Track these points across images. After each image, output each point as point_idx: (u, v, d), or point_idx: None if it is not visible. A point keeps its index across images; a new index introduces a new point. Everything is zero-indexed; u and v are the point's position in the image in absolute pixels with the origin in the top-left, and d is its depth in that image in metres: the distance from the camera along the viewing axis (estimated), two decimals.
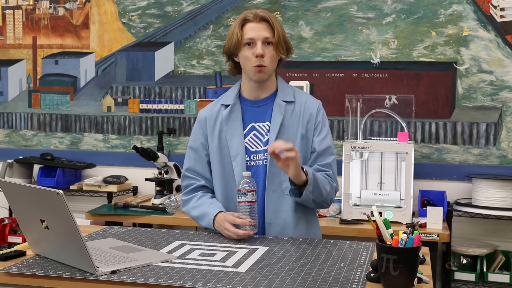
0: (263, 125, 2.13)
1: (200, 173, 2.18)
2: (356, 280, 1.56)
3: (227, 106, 2.14)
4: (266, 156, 2.09)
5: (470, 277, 3.06)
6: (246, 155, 2.10)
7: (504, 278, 3.04)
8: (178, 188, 3.47)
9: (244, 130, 2.12)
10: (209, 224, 2.07)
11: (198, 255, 1.79)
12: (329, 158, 2.13)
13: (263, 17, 2.06)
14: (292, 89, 2.18)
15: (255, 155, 2.11)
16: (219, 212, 2.06)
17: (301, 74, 3.53)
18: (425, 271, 1.65)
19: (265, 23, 2.06)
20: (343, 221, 2.97)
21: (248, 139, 2.12)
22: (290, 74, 3.52)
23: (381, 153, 3.04)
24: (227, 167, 2.11)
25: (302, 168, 1.98)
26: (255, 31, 2.05)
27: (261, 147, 2.11)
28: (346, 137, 3.20)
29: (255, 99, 2.14)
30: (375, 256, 1.77)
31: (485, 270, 3.08)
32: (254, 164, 2.10)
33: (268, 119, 2.12)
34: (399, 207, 2.97)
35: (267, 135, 2.11)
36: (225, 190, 2.13)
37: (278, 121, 2.09)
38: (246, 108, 2.14)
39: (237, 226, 1.99)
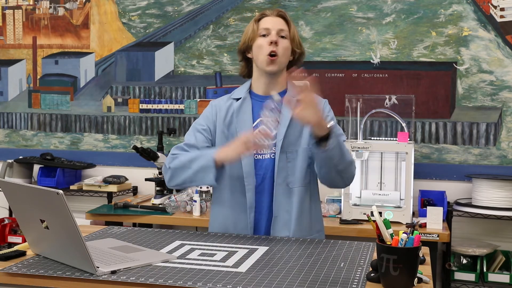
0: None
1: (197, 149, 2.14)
2: (356, 280, 1.56)
3: (237, 100, 2.17)
4: (274, 150, 2.10)
5: (470, 277, 3.06)
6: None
7: (504, 278, 3.04)
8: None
9: (252, 124, 2.13)
10: (209, 158, 1.99)
11: (198, 255, 1.79)
12: (342, 138, 2.09)
13: (280, 12, 2.14)
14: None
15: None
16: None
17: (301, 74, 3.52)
18: (425, 271, 1.65)
19: (282, 18, 2.13)
20: (343, 221, 2.97)
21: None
22: None
23: (381, 153, 3.04)
24: None
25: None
26: (271, 23, 2.11)
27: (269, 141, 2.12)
28: (346, 137, 3.20)
29: (265, 94, 2.16)
30: (375, 256, 1.77)
31: (485, 270, 3.08)
32: (261, 157, 2.11)
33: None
34: (399, 207, 2.97)
35: (275, 129, 2.11)
36: (230, 181, 2.12)
37: (288, 115, 2.09)
38: (256, 103, 2.16)
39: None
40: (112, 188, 3.58)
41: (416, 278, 1.52)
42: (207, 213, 3.13)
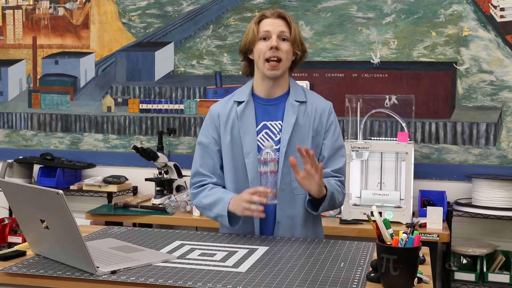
0: (275, 124, 2.13)
1: (212, 170, 2.16)
2: (356, 280, 1.56)
3: (240, 103, 2.15)
4: (278, 155, 2.09)
5: (470, 277, 3.06)
6: (257, 153, 2.10)
7: (504, 278, 3.04)
8: (178, 188, 3.47)
9: (256, 128, 2.12)
10: (223, 208, 2.04)
11: (198, 255, 1.79)
12: (341, 161, 2.16)
13: (280, 14, 2.11)
14: (302, 89, 2.19)
15: None
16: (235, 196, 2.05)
17: (301, 74, 3.53)
18: (425, 271, 1.65)
19: (282, 20, 2.10)
20: (343, 221, 2.97)
21: (260, 137, 2.12)
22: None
23: (381, 153, 3.04)
24: (239, 164, 2.11)
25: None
26: (271, 25, 2.08)
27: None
28: (346, 137, 3.20)
29: (267, 97, 2.15)
30: (375, 256, 1.77)
31: (485, 270, 3.08)
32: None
33: (280, 118, 2.12)
34: (399, 207, 2.97)
35: (279, 134, 2.11)
36: (236, 186, 2.12)
37: (291, 121, 2.09)
38: (259, 105, 2.15)
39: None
40: (112, 188, 3.58)
41: (416, 278, 1.52)
42: None
